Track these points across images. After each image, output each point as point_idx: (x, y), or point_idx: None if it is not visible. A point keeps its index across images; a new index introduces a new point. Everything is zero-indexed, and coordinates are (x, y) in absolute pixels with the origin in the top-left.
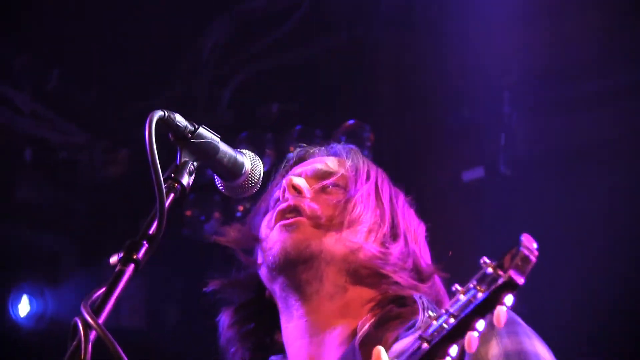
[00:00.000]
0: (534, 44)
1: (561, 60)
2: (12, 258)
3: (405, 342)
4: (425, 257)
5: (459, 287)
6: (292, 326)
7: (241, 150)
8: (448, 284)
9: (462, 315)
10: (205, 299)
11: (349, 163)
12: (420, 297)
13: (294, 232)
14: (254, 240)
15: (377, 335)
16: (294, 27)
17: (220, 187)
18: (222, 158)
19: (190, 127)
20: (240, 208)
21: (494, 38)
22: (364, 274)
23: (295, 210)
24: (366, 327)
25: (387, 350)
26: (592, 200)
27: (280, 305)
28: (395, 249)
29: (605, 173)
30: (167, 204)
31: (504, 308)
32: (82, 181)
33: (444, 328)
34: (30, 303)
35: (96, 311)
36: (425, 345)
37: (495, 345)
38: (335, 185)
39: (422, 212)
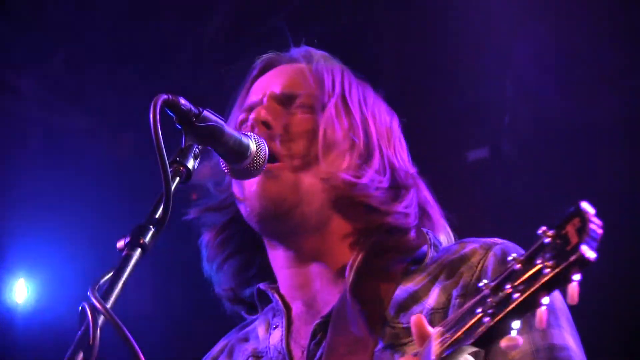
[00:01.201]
0: (538, 24)
1: (565, 42)
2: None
3: (417, 280)
4: (401, 160)
5: (516, 257)
6: (277, 255)
7: (247, 133)
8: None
9: (530, 290)
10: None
11: (310, 73)
12: (427, 232)
13: (271, 183)
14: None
15: (377, 263)
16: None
17: (226, 171)
18: (227, 141)
19: (194, 111)
20: None
21: (497, 19)
22: (343, 202)
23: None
24: (359, 259)
25: (395, 283)
26: (596, 180)
27: (262, 236)
28: (369, 170)
29: (609, 154)
30: (172, 187)
31: (574, 285)
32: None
33: (508, 301)
34: (28, 289)
35: (104, 296)
36: (487, 319)
37: (524, 339)
38: (302, 106)
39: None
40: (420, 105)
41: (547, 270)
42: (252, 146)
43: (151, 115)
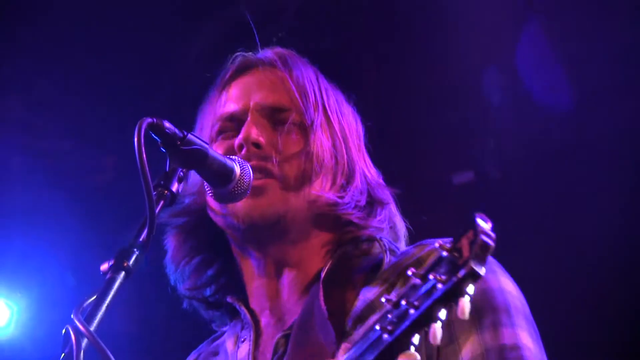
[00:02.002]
0: (524, 41)
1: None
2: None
3: (375, 289)
4: (373, 173)
5: (414, 271)
6: (249, 264)
7: (231, 157)
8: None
9: (424, 306)
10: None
11: (293, 85)
12: (381, 239)
13: (260, 197)
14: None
15: (342, 273)
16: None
17: (210, 194)
18: (211, 164)
19: (179, 134)
20: None
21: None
22: (325, 219)
23: (261, 171)
24: (328, 266)
25: (356, 292)
26: (584, 201)
27: (235, 244)
28: (352, 190)
29: (597, 172)
30: (157, 211)
31: (467, 299)
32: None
33: (404, 318)
34: (10, 310)
35: (87, 319)
36: (386, 336)
37: (474, 339)
38: (292, 124)
39: (413, 215)
40: (406, 126)
41: (440, 285)
42: (237, 170)
43: (135, 139)
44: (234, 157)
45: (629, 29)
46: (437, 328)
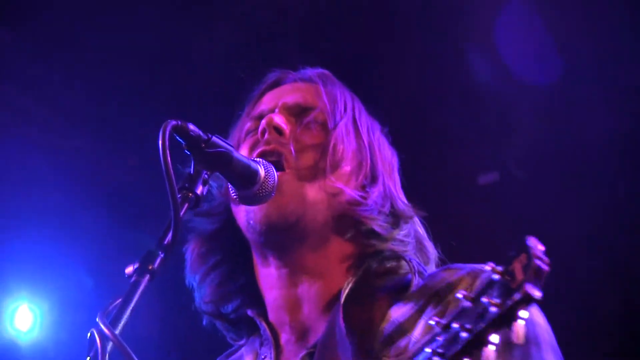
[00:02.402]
0: (548, 42)
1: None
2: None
3: (403, 310)
4: (399, 193)
5: (465, 294)
6: (269, 272)
7: (255, 159)
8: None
9: (477, 329)
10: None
11: (324, 92)
12: (410, 260)
13: (277, 196)
14: None
15: (366, 291)
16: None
17: (235, 196)
18: (235, 167)
19: (203, 136)
20: None
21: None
22: (346, 222)
23: (276, 154)
24: (351, 284)
25: (382, 313)
26: (606, 202)
27: (256, 251)
28: (375, 192)
29: (620, 173)
30: (181, 213)
31: (522, 323)
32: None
33: (456, 341)
34: (34, 314)
35: (112, 322)
36: (436, 359)
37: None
38: (314, 121)
39: (437, 216)
40: (430, 130)
41: (493, 309)
42: (261, 172)
43: (160, 142)
44: (258, 159)
45: None
46: (490, 351)
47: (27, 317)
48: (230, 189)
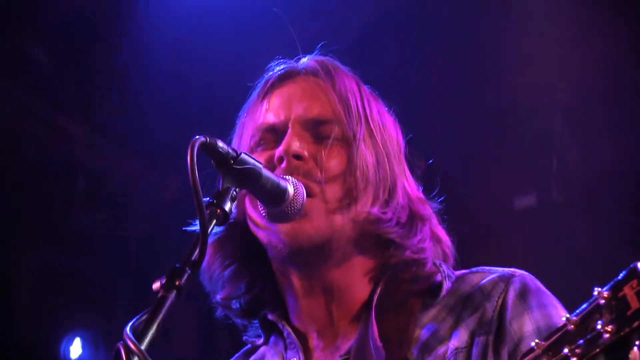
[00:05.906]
0: (586, 63)
1: (614, 80)
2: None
3: (437, 316)
4: (414, 187)
5: (570, 318)
6: (293, 283)
7: (285, 177)
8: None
9: (589, 355)
10: None
11: (336, 96)
12: (440, 265)
13: (306, 221)
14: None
15: (394, 297)
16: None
17: (263, 213)
18: (264, 184)
19: (232, 153)
20: None
21: (545, 57)
22: (367, 237)
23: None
24: (379, 291)
25: (415, 318)
26: None
27: (276, 263)
28: (394, 204)
29: None
30: (209, 230)
31: (636, 351)
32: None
33: None
34: (83, 346)
35: (139, 337)
36: None
37: (527, 320)
38: (335, 138)
39: (473, 240)
40: (467, 149)
41: (607, 335)
42: (290, 189)
43: (188, 158)
44: (287, 177)
45: None
46: None
47: (78, 349)
48: (259, 206)
